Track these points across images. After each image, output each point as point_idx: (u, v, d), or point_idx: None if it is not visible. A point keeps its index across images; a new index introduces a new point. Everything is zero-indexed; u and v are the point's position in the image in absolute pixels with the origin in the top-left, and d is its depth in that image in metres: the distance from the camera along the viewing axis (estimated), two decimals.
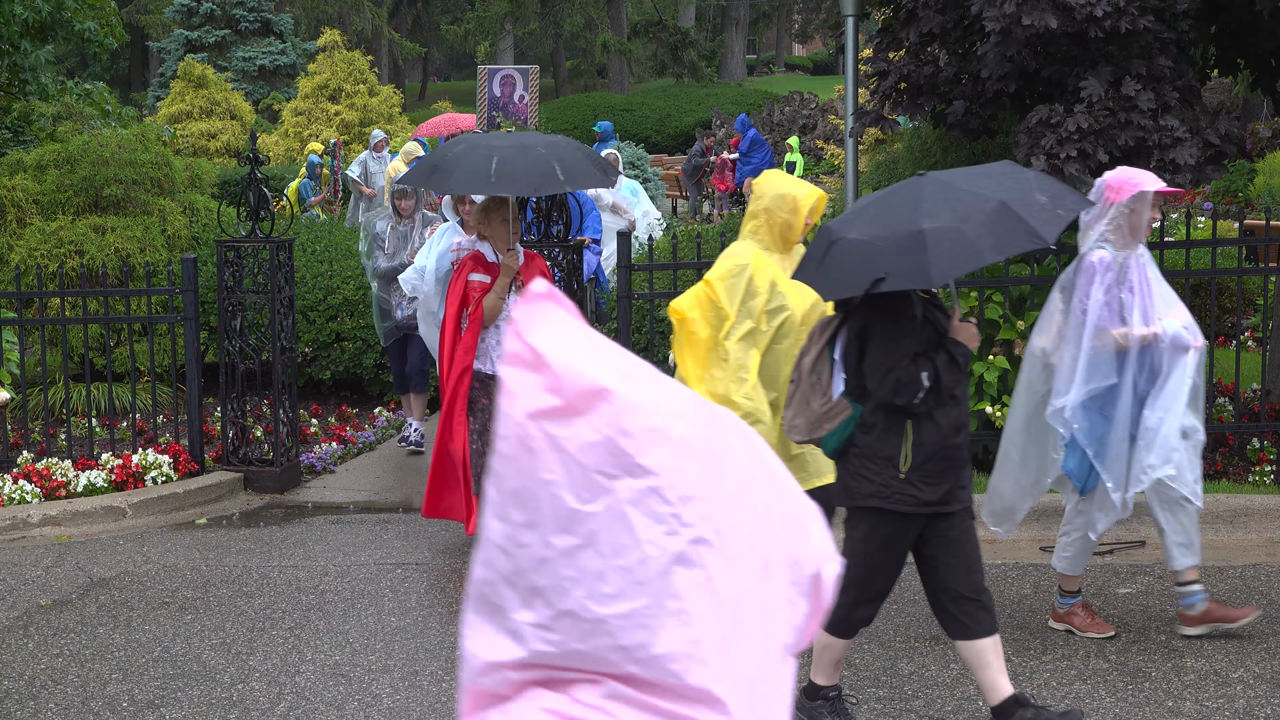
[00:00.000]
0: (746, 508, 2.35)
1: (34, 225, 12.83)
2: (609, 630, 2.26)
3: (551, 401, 2.22)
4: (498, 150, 8.20)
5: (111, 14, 16.27)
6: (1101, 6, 8.47)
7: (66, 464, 10.15)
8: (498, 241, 8.62)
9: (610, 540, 2.27)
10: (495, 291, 8.55)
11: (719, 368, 6.70)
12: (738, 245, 6.89)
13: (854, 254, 5.51)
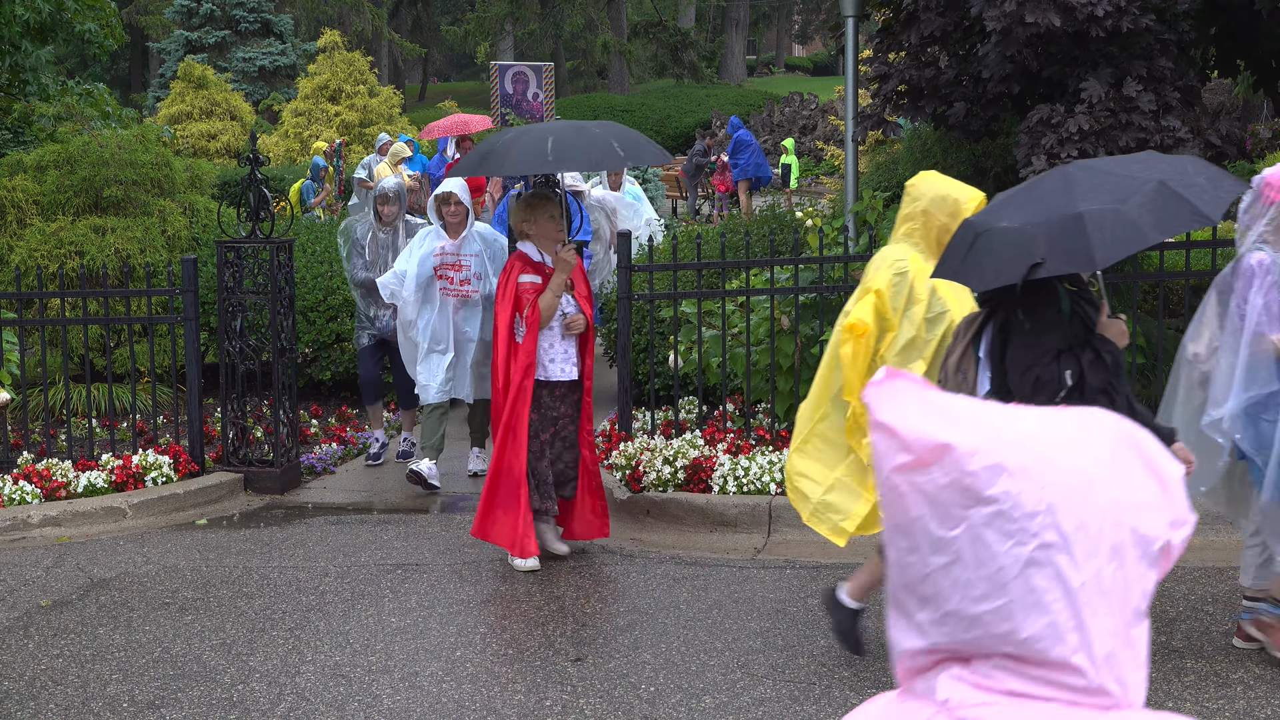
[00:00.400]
0: (1093, 507, 2.83)
1: (34, 226, 12.83)
2: (983, 623, 2.82)
3: (906, 458, 2.77)
4: (553, 131, 8.09)
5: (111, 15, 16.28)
6: (1103, 6, 8.48)
7: (67, 464, 10.15)
8: (544, 240, 8.37)
9: (973, 556, 2.81)
10: (552, 290, 8.25)
11: None
12: (893, 250, 6.55)
13: (1006, 242, 5.22)
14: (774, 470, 9.26)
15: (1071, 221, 5.06)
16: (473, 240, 10.14)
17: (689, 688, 6.55)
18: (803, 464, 6.71)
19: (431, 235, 10.23)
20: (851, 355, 6.36)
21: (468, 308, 10.19)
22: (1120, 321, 5.54)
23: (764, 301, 10.38)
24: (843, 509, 6.59)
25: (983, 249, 5.27)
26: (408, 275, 10.15)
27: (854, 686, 6.51)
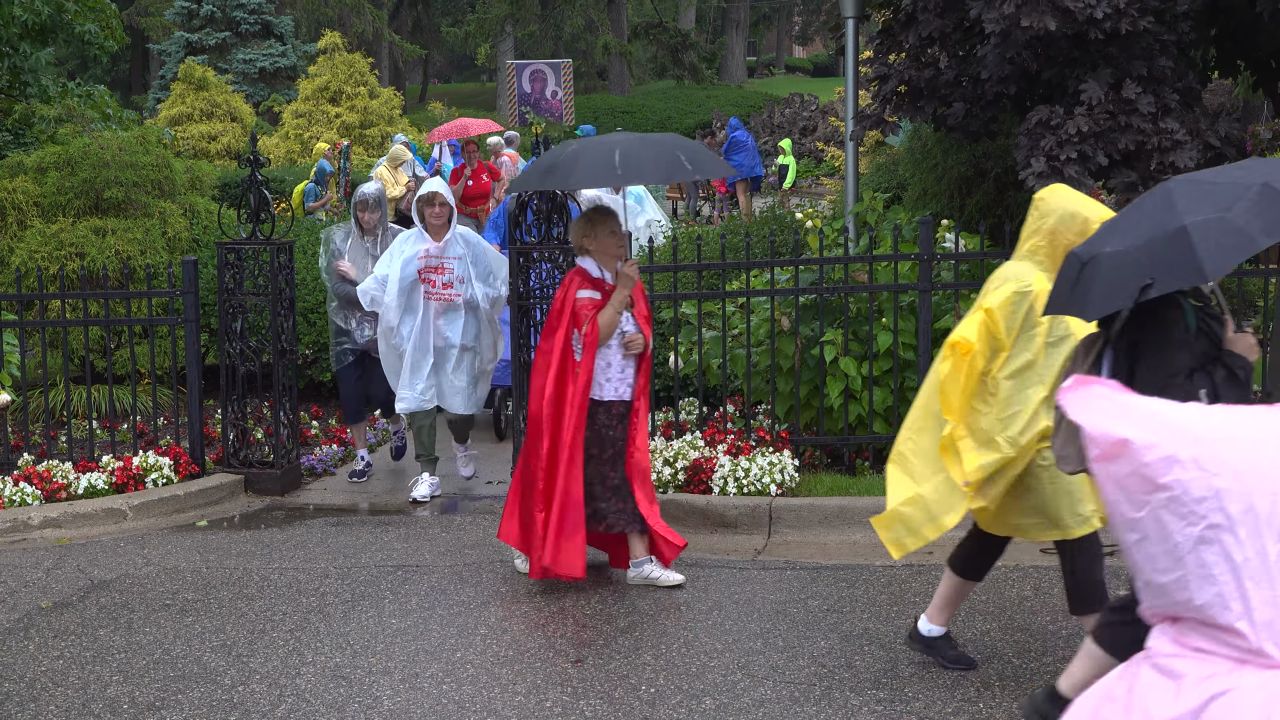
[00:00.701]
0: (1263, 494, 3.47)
1: (34, 227, 12.83)
2: (1168, 592, 3.50)
3: (1096, 452, 3.50)
4: (618, 144, 7.84)
5: (112, 16, 16.28)
6: (1101, 8, 8.48)
7: (67, 466, 10.15)
8: (603, 255, 8.08)
9: (1156, 534, 3.52)
10: (613, 306, 7.96)
11: (985, 402, 6.17)
12: (1015, 267, 6.29)
13: (1113, 267, 5.06)
14: (774, 471, 9.26)
15: (1176, 236, 4.92)
16: (456, 243, 10.02)
17: (689, 689, 6.55)
18: (892, 471, 6.55)
19: (414, 238, 10.04)
20: (950, 372, 6.15)
21: (450, 312, 10.03)
22: (1249, 335, 5.38)
23: (764, 303, 10.38)
24: (914, 527, 6.42)
25: (1089, 277, 5.12)
26: (390, 280, 9.93)
27: (854, 687, 6.51)
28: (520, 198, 10.22)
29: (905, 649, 6.96)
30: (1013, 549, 8.58)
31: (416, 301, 9.98)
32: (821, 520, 9.05)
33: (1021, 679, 6.55)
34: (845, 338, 9.80)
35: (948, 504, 6.33)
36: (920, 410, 6.50)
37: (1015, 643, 7.03)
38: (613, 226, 8.10)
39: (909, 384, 9.78)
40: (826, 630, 7.27)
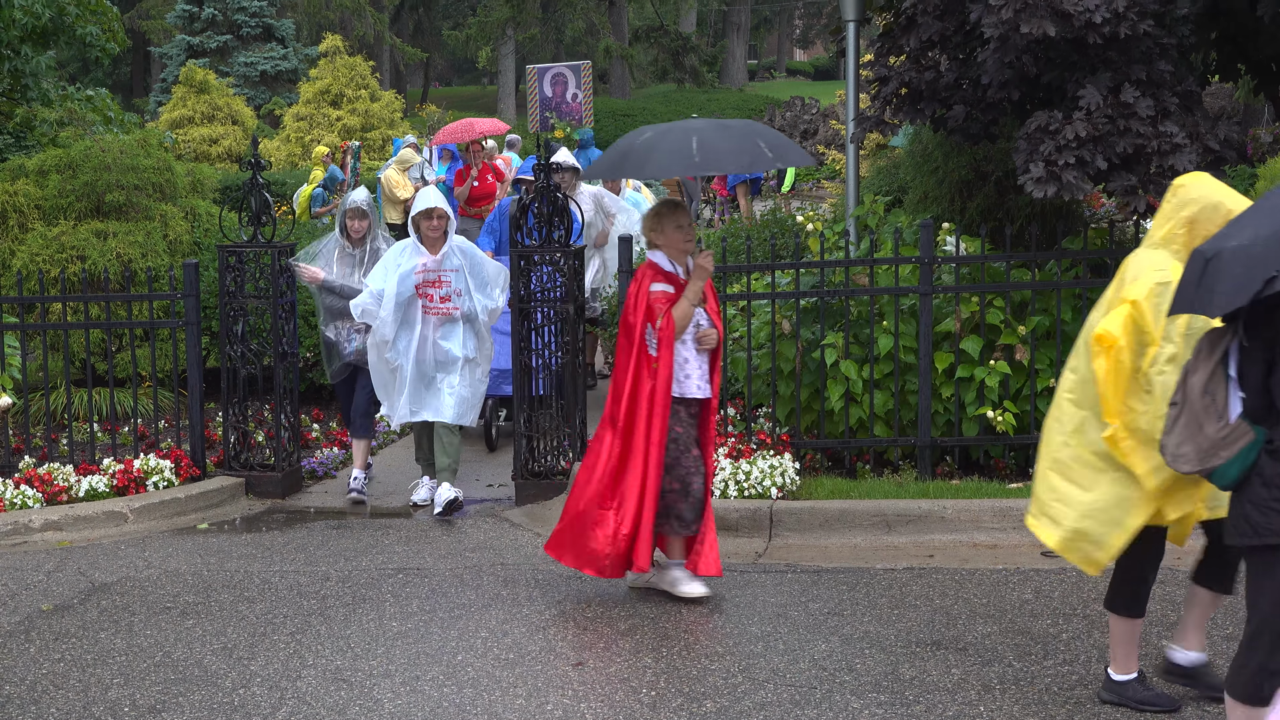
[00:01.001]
0: None
1: (36, 230, 12.84)
2: None
3: None
4: (695, 130, 7.55)
5: (113, 19, 16.28)
6: (1100, 13, 8.47)
7: (68, 469, 10.15)
8: (672, 249, 7.81)
9: None
10: (688, 298, 7.68)
11: (1140, 400, 5.88)
12: (1150, 256, 6.06)
13: (1236, 262, 4.89)
14: (775, 474, 9.26)
15: None
16: (453, 255, 9.84)
17: (690, 692, 6.56)
18: (1057, 484, 6.18)
19: (409, 251, 9.82)
20: (1107, 371, 5.89)
21: (448, 325, 9.86)
22: None
23: (765, 306, 10.39)
24: (1097, 538, 6.06)
25: (1214, 274, 4.95)
26: (385, 295, 9.71)
27: (855, 691, 6.51)
28: (521, 200, 10.23)
29: (906, 653, 6.96)
30: (1012, 553, 8.60)
31: (414, 316, 9.79)
32: (822, 523, 9.05)
33: (1022, 682, 6.55)
34: (846, 341, 9.80)
35: (1126, 504, 5.99)
36: (1069, 410, 6.19)
37: (1016, 646, 7.03)
38: (679, 220, 7.84)
39: (909, 387, 9.78)
40: (827, 633, 7.27)
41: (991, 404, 9.57)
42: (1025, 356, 9.60)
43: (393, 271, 9.78)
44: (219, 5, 44.68)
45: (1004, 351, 9.66)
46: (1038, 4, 8.49)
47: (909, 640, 7.15)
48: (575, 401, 10.30)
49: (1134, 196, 8.91)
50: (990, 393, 9.56)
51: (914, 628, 7.32)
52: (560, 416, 10.31)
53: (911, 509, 9.00)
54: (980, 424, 9.64)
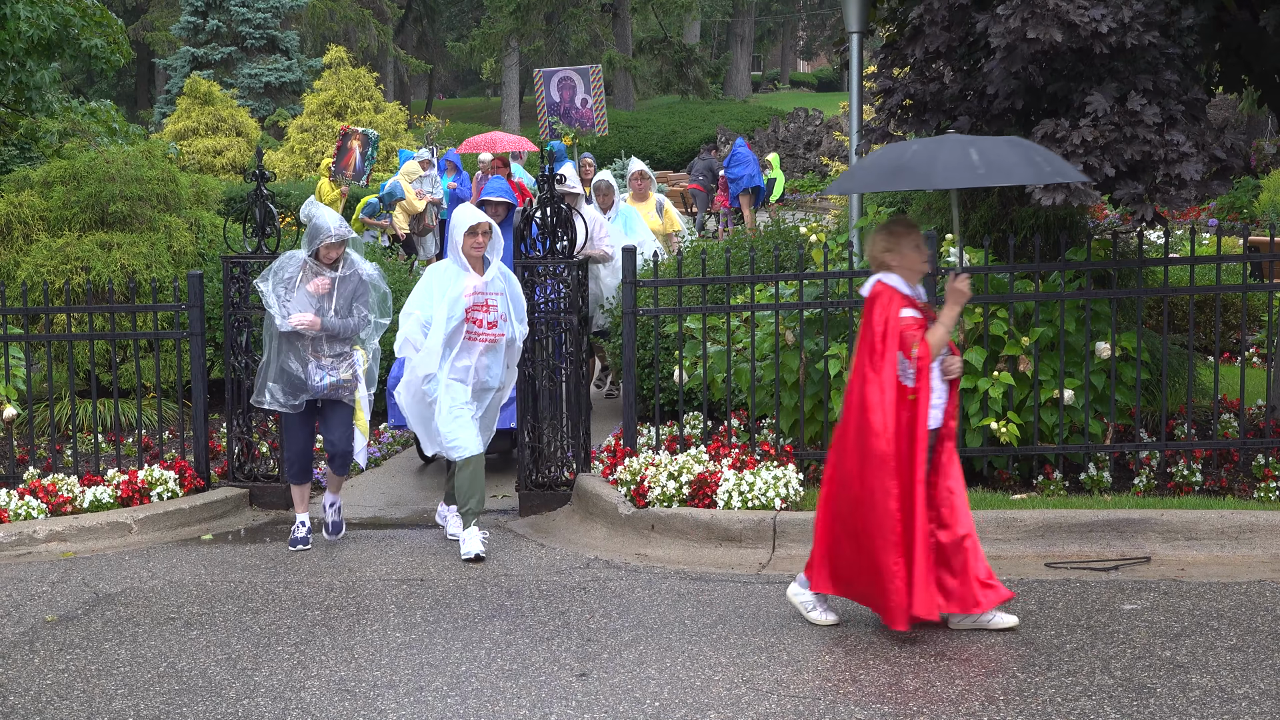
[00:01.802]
0: None
1: (40, 241, 12.86)
2: None
3: None
4: (971, 141, 7.17)
5: (118, 31, 16.33)
6: (1107, 23, 8.48)
7: (72, 480, 10.16)
8: (909, 270, 7.34)
9: None
10: (944, 324, 7.23)
11: None
12: None
13: None
14: (778, 485, 9.26)
15: None
16: (497, 276, 9.32)
17: (694, 703, 6.55)
18: None
19: (452, 272, 9.16)
20: None
21: (492, 353, 9.28)
22: None
23: (769, 317, 10.39)
24: None
25: None
26: (435, 323, 9.05)
27: (859, 701, 6.51)
28: (526, 212, 10.23)
29: (910, 663, 6.96)
30: (1016, 564, 8.59)
31: (456, 343, 9.17)
32: None
33: (1026, 693, 6.55)
34: (849, 352, 9.80)
35: None
36: None
37: (1020, 657, 7.03)
38: (917, 240, 7.38)
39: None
40: (831, 644, 7.27)
41: (995, 415, 9.57)
42: (1029, 368, 9.60)
43: (440, 296, 9.12)
44: (223, 17, 44.79)
45: (1008, 363, 9.66)
46: (1045, 13, 8.50)
47: (912, 651, 7.14)
48: (580, 413, 10.30)
49: (1141, 205, 8.91)
50: (994, 404, 9.56)
51: (918, 638, 7.31)
52: (564, 428, 10.32)
53: None
54: (984, 435, 9.63)
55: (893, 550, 7.19)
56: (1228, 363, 12.75)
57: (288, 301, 9.25)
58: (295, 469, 9.68)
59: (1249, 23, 9.71)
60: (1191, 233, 9.77)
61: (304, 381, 9.31)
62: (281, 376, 9.30)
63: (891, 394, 7.19)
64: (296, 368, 9.29)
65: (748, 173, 29.63)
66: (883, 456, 7.21)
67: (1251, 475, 9.65)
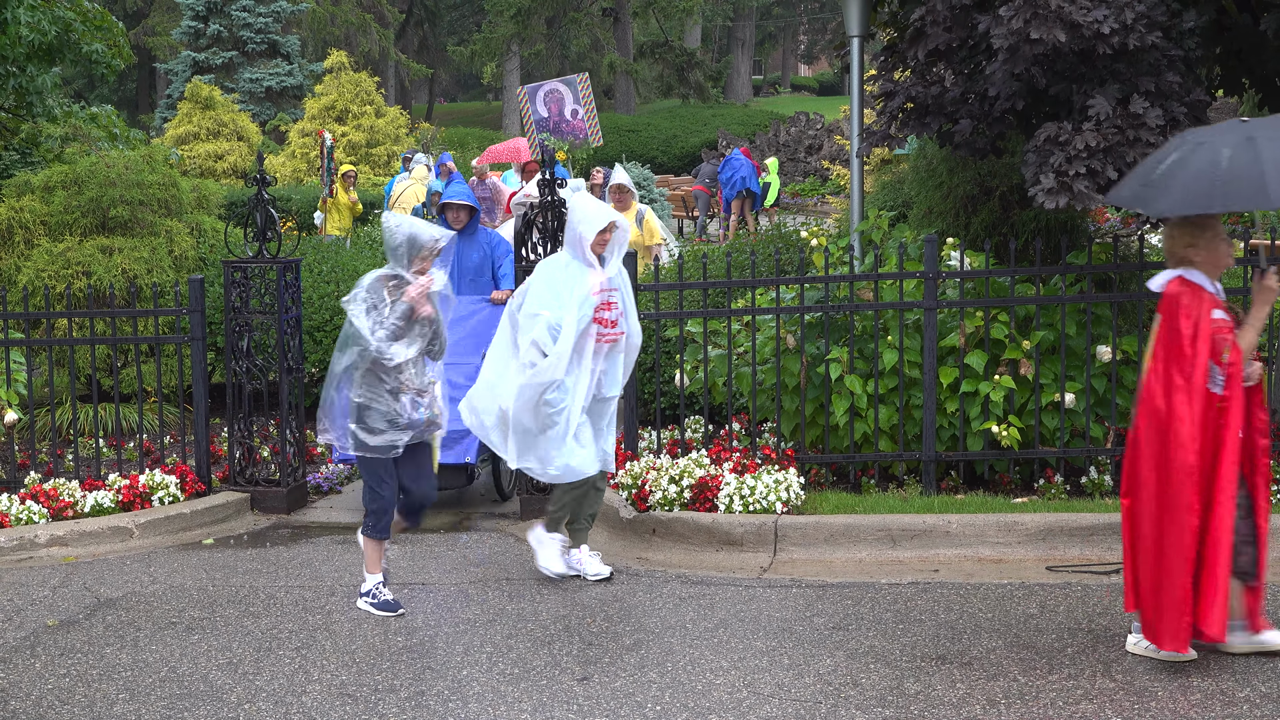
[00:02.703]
0: None
1: (41, 246, 12.87)
2: None
3: None
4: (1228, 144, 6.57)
5: (119, 36, 16.32)
6: (1109, 24, 8.48)
7: (74, 484, 10.16)
8: (1213, 266, 6.81)
9: None
10: (1253, 326, 6.75)
11: None
12: None
13: None
14: (779, 489, 9.26)
15: None
16: (618, 271, 8.56)
17: (695, 707, 6.55)
18: None
19: (574, 268, 8.31)
20: None
21: (613, 354, 8.49)
22: None
23: (770, 321, 10.39)
24: None
25: None
26: (565, 326, 8.12)
27: (861, 705, 6.51)
28: (527, 215, 10.23)
29: (911, 667, 6.95)
30: (1017, 568, 8.59)
31: (583, 346, 8.28)
32: (827, 538, 9.05)
33: (1027, 696, 6.55)
34: (850, 355, 9.81)
35: None
36: None
37: (1021, 660, 7.03)
38: (1221, 231, 6.82)
39: (914, 402, 9.78)
40: (832, 648, 7.27)
41: (996, 419, 9.57)
42: (1030, 371, 9.60)
43: (568, 295, 8.25)
44: (224, 22, 44.84)
45: (1008, 366, 9.66)
46: (1048, 14, 8.51)
47: (914, 655, 7.14)
48: None
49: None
50: (995, 407, 9.56)
51: (919, 642, 7.32)
52: None
53: (916, 524, 9.00)
54: (985, 439, 9.64)
55: (1185, 567, 6.75)
56: None
57: (377, 320, 7.87)
58: (384, 523, 8.18)
59: (1249, 26, 9.71)
60: None
61: (402, 418, 7.96)
62: (369, 414, 7.91)
63: (1200, 403, 6.72)
64: (388, 403, 7.93)
65: (739, 175, 29.72)
66: (1188, 469, 6.73)
67: None
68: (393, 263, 7.96)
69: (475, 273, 11.01)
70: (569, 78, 30.03)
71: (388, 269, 7.99)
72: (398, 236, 7.92)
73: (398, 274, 7.93)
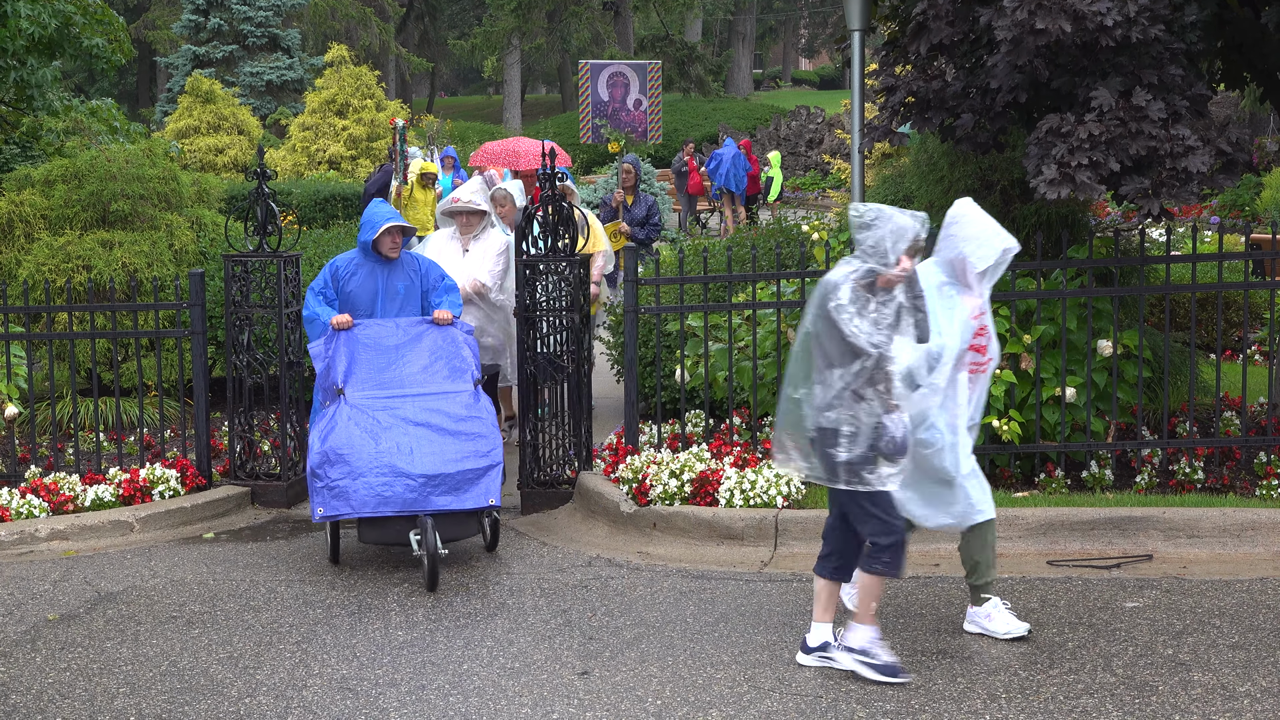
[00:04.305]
0: None
1: (42, 240, 12.85)
2: None
3: None
4: None
5: (119, 30, 16.30)
6: (1112, 16, 8.48)
7: (74, 478, 10.16)
8: None
9: None
10: None
11: None
12: None
13: None
14: (780, 483, 9.25)
15: None
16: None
17: (696, 701, 6.55)
18: None
19: (950, 288, 7.23)
20: None
21: (980, 387, 7.38)
22: None
23: (771, 315, 10.38)
24: None
25: None
26: (946, 353, 6.97)
27: (861, 700, 6.51)
28: (528, 210, 10.22)
29: (911, 661, 6.95)
30: (1017, 562, 8.60)
31: (956, 380, 7.23)
32: None
33: (1028, 691, 6.55)
34: None
35: None
36: None
37: (1021, 655, 7.03)
38: None
39: None
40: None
41: (997, 413, 9.56)
42: (1030, 365, 9.60)
43: (949, 317, 7.14)
44: (225, 15, 44.82)
45: (1009, 360, 9.65)
46: (1052, 4, 8.50)
47: (914, 649, 7.14)
48: (581, 411, 10.29)
49: (1147, 200, 8.89)
50: (996, 402, 9.55)
51: (920, 636, 7.32)
52: (566, 426, 10.31)
53: None
54: (986, 433, 9.63)
55: None
56: (1230, 360, 12.73)
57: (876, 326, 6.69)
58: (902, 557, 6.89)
59: (1251, 20, 9.71)
60: (1194, 230, 9.76)
61: (899, 442, 6.73)
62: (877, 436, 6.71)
63: None
64: (896, 423, 6.71)
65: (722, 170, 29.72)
66: None
67: (1253, 473, 9.65)
68: (865, 257, 6.70)
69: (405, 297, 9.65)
70: (639, 62, 26.89)
71: (855, 266, 6.73)
72: (881, 227, 6.68)
73: (872, 268, 6.67)
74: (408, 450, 8.60)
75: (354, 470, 8.55)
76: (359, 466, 8.54)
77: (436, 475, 8.54)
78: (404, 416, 8.77)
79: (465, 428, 8.80)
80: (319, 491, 8.62)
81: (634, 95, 26.75)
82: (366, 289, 9.49)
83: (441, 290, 9.66)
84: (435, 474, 8.54)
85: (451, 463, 8.61)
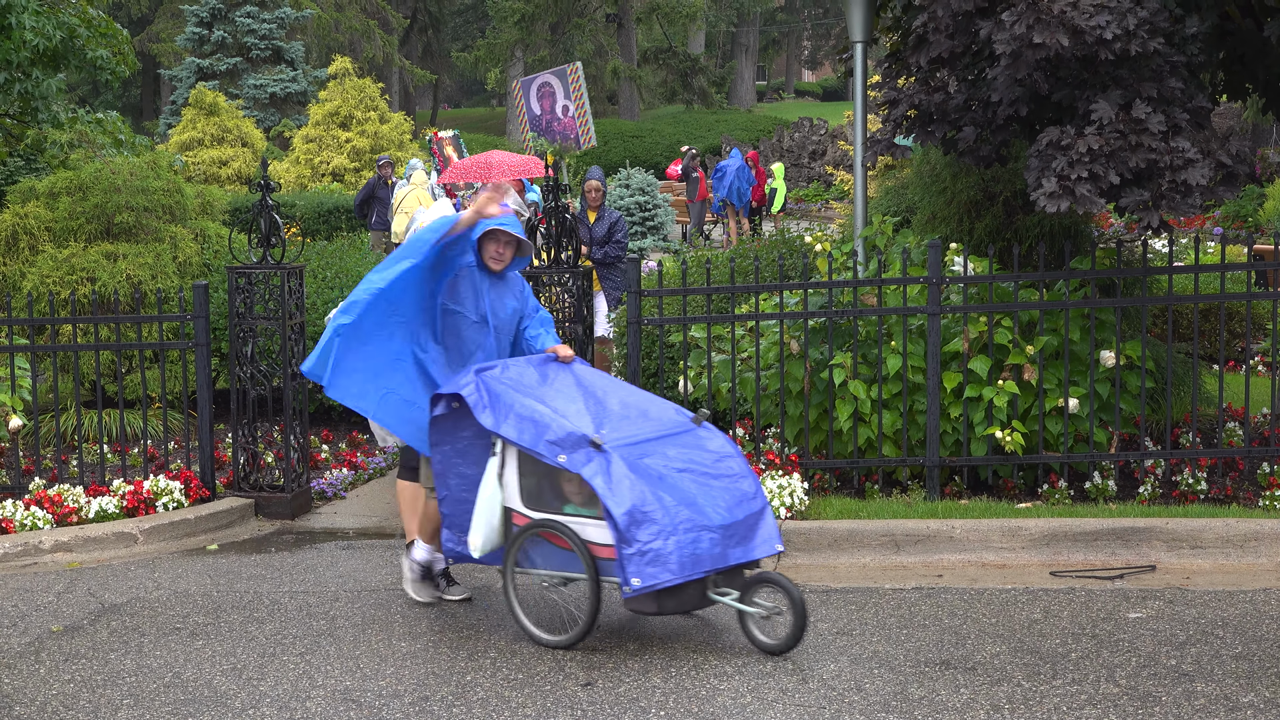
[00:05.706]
0: None
1: (46, 252, 12.89)
2: None
3: None
4: None
5: (123, 42, 16.36)
6: (1111, 29, 8.49)
7: (78, 490, 10.17)
8: None
9: None
10: None
11: None
12: None
13: None
14: (783, 494, 9.26)
15: None
16: None
17: (699, 712, 6.55)
18: None
19: None
20: None
21: None
22: None
23: (773, 326, 10.40)
24: None
25: None
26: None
27: (864, 711, 6.51)
28: (530, 221, 10.24)
29: (915, 672, 6.95)
30: (1021, 573, 8.59)
31: None
32: (831, 543, 9.05)
33: (1031, 702, 6.55)
34: (854, 361, 9.81)
35: None
36: None
37: (1025, 665, 7.02)
38: None
39: (918, 407, 9.78)
40: (836, 653, 7.26)
41: (1000, 424, 9.57)
42: (1033, 376, 9.61)
43: None
44: (229, 28, 44.90)
45: (1012, 371, 9.66)
46: (1050, 18, 8.51)
47: (918, 660, 7.14)
48: None
49: (1147, 212, 8.90)
50: (998, 412, 9.56)
51: (923, 647, 7.32)
52: None
53: (920, 529, 9.00)
54: (989, 444, 9.64)
55: None
56: (1233, 371, 12.74)
57: None
58: None
59: (1253, 31, 9.72)
60: (1196, 241, 9.79)
61: None
62: None
63: None
64: None
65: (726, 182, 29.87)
66: None
67: (1257, 484, 9.65)
68: None
69: (510, 325, 8.28)
70: (559, 68, 25.65)
71: None
72: None
73: None
74: (692, 500, 7.29)
75: (663, 529, 7.11)
76: (666, 524, 7.13)
77: (730, 525, 7.30)
78: (667, 463, 7.45)
79: (724, 468, 7.56)
80: (630, 560, 7.12)
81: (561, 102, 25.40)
82: (469, 303, 8.07)
83: (539, 322, 8.31)
84: (729, 523, 7.30)
85: (732, 509, 7.36)
